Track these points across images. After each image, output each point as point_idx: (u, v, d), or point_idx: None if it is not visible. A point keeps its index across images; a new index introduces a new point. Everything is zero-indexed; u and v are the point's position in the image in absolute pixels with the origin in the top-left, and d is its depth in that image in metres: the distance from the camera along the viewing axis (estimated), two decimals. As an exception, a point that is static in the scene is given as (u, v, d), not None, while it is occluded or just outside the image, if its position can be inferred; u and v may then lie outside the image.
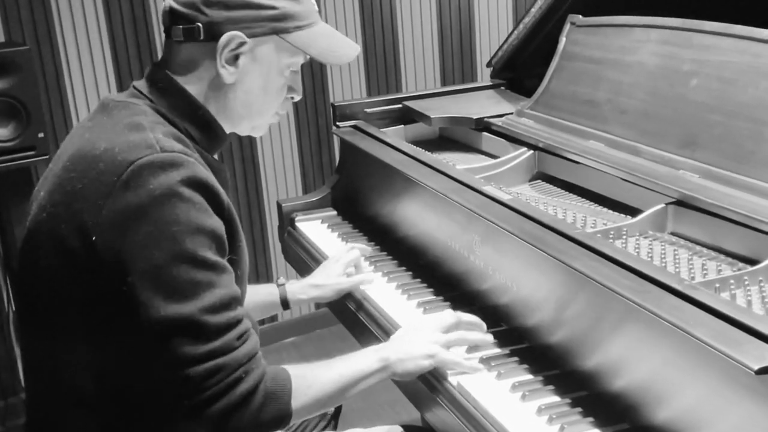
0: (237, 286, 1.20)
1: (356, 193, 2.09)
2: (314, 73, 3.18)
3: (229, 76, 1.25)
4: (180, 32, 1.24)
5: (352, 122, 2.18)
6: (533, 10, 2.10)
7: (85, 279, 1.15)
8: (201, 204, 1.14)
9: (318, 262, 1.92)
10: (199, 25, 1.22)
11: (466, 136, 2.13)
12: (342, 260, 1.61)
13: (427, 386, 1.36)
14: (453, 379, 1.33)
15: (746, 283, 1.23)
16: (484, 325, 1.42)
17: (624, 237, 1.43)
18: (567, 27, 1.94)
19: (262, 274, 3.26)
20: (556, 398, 1.25)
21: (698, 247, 1.40)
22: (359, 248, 1.75)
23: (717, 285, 1.22)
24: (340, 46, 1.34)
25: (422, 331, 1.37)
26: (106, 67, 2.87)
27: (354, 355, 1.33)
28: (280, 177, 3.22)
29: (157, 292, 1.10)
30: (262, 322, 2.05)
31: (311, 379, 1.24)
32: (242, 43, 1.23)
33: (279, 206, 2.17)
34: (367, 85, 3.29)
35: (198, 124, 1.26)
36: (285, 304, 1.65)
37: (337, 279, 1.63)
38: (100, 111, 1.25)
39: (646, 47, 1.70)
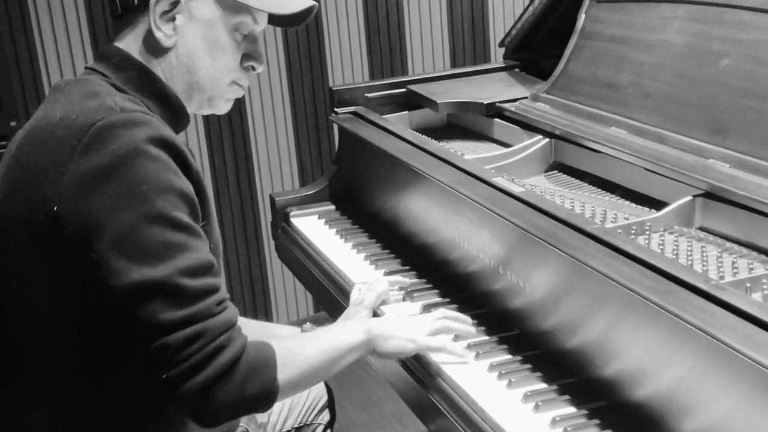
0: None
1: (356, 186, 2.09)
2: (312, 55, 3.19)
3: (166, 39, 1.26)
4: (117, 5, 1.28)
5: (352, 108, 2.18)
6: (549, -17, 2.11)
7: (52, 254, 1.16)
8: (169, 163, 1.16)
9: (315, 263, 1.92)
10: None
11: (476, 122, 2.13)
12: (366, 302, 1.56)
13: (430, 395, 1.37)
14: (458, 387, 1.33)
15: (780, 282, 1.23)
16: (470, 320, 1.47)
17: (647, 232, 1.42)
18: (586, 2, 1.94)
19: (256, 276, 3.27)
20: (572, 409, 1.25)
21: (728, 243, 1.40)
22: (393, 281, 1.65)
23: (748, 285, 1.22)
24: None
25: (409, 319, 1.43)
26: (84, 52, 2.88)
27: (337, 326, 1.39)
28: (275, 169, 3.23)
29: (128, 257, 1.11)
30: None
31: (296, 350, 1.26)
32: (176, 2, 1.25)
33: (272, 200, 2.17)
34: (370, 68, 3.28)
35: (158, 99, 1.28)
36: None
37: None
38: (53, 92, 1.28)
39: (673, 25, 1.70)
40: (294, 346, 1.28)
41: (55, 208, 1.13)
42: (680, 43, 1.67)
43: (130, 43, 1.29)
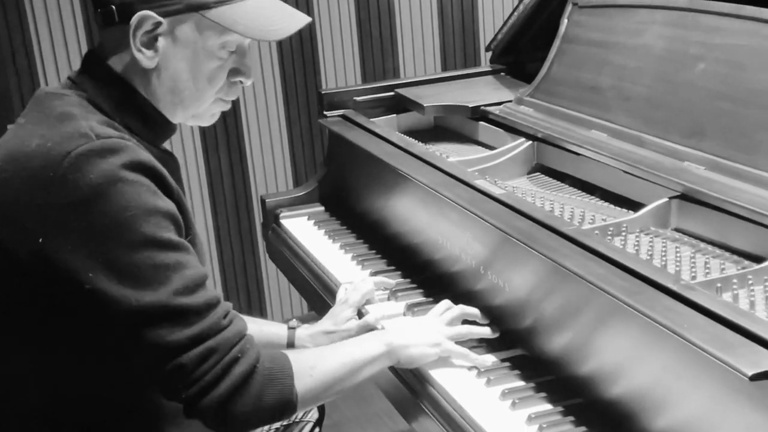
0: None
1: (345, 188, 2.10)
2: (305, 58, 3.20)
3: (147, 61, 1.22)
4: (100, 18, 1.24)
5: (341, 111, 2.19)
6: (534, -12, 2.12)
7: (40, 286, 1.15)
8: (149, 186, 1.14)
9: (303, 264, 1.94)
10: (113, 7, 1.21)
11: (462, 125, 2.15)
12: (351, 300, 1.59)
13: (410, 392, 1.38)
14: (438, 385, 1.35)
15: (750, 282, 1.24)
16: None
17: (623, 234, 1.44)
18: (569, 7, 1.95)
19: (251, 274, 3.29)
20: (548, 406, 1.27)
21: (702, 244, 1.41)
22: (378, 281, 1.68)
23: (719, 285, 1.23)
24: (275, 21, 1.27)
25: (426, 321, 1.43)
26: (81, 54, 2.88)
27: (356, 339, 1.37)
28: (269, 170, 3.24)
29: (124, 284, 1.10)
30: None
31: (313, 361, 1.26)
32: (158, 24, 1.21)
33: (263, 201, 2.18)
34: (362, 71, 3.30)
35: (136, 114, 1.25)
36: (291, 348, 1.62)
37: (347, 325, 1.57)
38: (32, 106, 1.25)
39: (652, 29, 1.71)
40: (312, 357, 1.27)
41: (40, 240, 1.11)
42: (659, 47, 1.68)
43: (112, 57, 1.25)
